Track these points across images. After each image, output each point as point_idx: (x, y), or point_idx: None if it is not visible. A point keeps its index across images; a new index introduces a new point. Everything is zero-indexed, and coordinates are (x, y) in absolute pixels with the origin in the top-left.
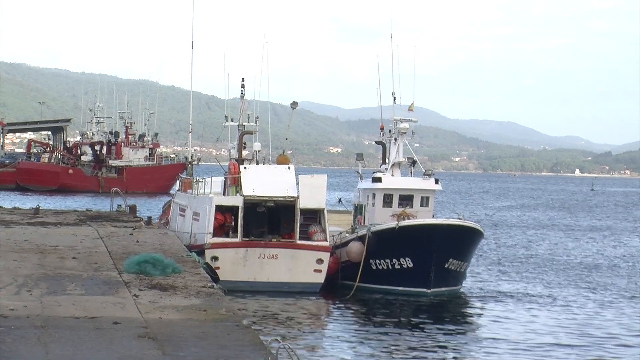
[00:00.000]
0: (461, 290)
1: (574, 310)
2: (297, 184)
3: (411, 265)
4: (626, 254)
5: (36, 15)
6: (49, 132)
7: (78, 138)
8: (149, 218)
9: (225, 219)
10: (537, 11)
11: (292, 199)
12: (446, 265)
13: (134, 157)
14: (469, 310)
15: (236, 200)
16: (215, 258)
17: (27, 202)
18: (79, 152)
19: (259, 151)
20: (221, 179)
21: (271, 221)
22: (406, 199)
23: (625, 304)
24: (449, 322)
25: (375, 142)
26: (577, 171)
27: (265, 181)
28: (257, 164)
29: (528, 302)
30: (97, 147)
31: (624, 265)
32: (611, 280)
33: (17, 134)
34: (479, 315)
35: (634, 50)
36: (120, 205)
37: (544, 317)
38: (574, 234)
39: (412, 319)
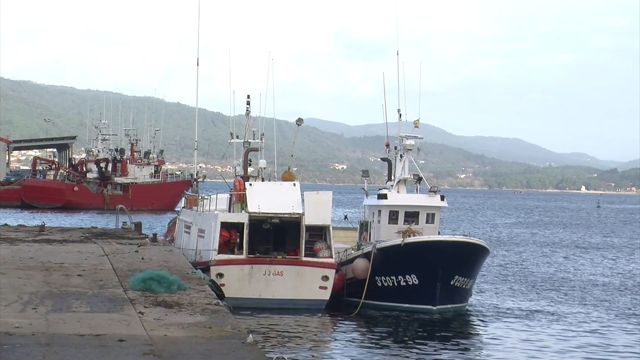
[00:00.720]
0: (467, 307)
1: (580, 328)
2: (303, 200)
3: (417, 282)
4: (634, 271)
5: (42, 32)
6: (55, 150)
7: (83, 155)
8: (154, 235)
9: (230, 235)
10: (542, 27)
11: (297, 216)
12: (452, 282)
13: (139, 174)
14: (475, 328)
15: (241, 217)
16: (220, 275)
17: (32, 219)
18: (85, 169)
19: (264, 168)
20: (226, 195)
21: (276, 238)
22: (412, 216)
23: (631, 322)
24: (455, 339)
25: (381, 158)
26: (583, 188)
27: (270, 198)
28: (263, 180)
29: (534, 320)
30: (102, 164)
31: (631, 284)
32: (617, 299)
33: (23, 152)
34: (485, 332)
35: (639, 67)
36: (125, 222)
37: (550, 336)
38: (581, 252)
39: (418, 336)
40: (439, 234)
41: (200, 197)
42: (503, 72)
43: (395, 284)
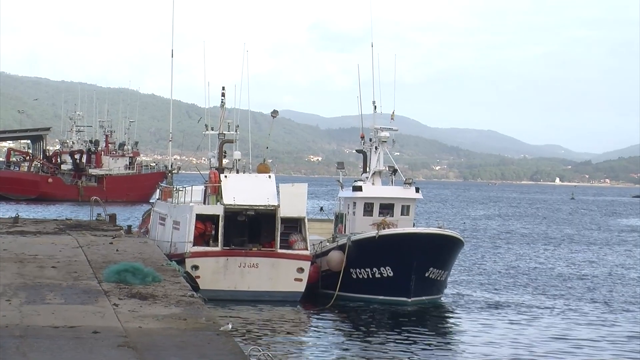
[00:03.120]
0: (442, 299)
1: (554, 319)
2: (278, 192)
3: (391, 274)
4: (607, 263)
5: (15, 23)
6: (29, 141)
7: (58, 147)
8: (129, 227)
9: (205, 227)
10: (516, 19)
11: (272, 208)
12: (427, 274)
13: (114, 165)
14: (450, 320)
15: (217, 209)
16: (195, 267)
17: (6, 211)
18: (59, 161)
19: (239, 160)
20: (201, 187)
21: (252, 230)
22: (387, 208)
23: (603, 312)
24: (430, 331)
25: (356, 150)
26: (557, 180)
27: (245, 190)
28: (238, 172)
29: (508, 312)
30: (77, 156)
31: (603, 275)
32: (592, 290)
33: None
34: (460, 324)
35: (613, 59)
36: (100, 214)
37: (523, 327)
38: (555, 243)
39: (393, 328)
40: (414, 226)
41: (175, 189)
42: (478, 64)
43: (370, 276)
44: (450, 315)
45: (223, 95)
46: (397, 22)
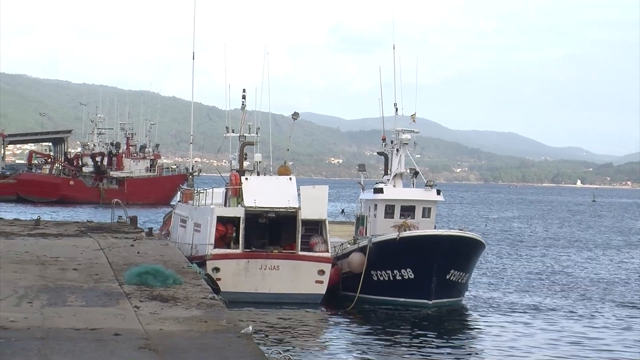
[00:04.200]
0: (463, 301)
1: (576, 323)
2: (299, 195)
3: (412, 276)
4: (628, 266)
5: (38, 25)
6: (50, 144)
7: (79, 149)
8: (150, 229)
9: (226, 230)
10: (536, 21)
11: (293, 210)
12: (447, 277)
13: (135, 168)
14: (471, 322)
15: (237, 211)
16: (216, 269)
17: (27, 213)
18: (80, 163)
19: (260, 162)
20: (222, 190)
21: (272, 232)
22: (408, 210)
23: (626, 316)
24: (450, 333)
25: (377, 152)
26: (579, 182)
27: (266, 192)
28: (258, 174)
29: (529, 315)
30: (98, 158)
31: (624, 278)
32: (613, 294)
33: (18, 145)
34: (481, 326)
35: (634, 61)
36: (121, 216)
37: (544, 330)
38: (578, 246)
39: (413, 331)
40: (435, 228)
41: (196, 191)
42: (498, 66)
43: (391, 278)
44: (471, 317)
45: (244, 97)
46: (416, 24)
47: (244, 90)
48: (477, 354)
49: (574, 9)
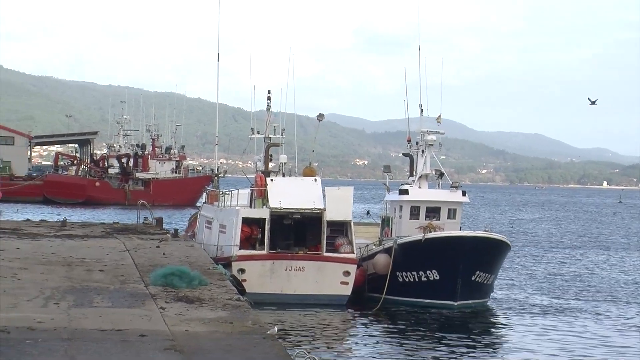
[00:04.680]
0: (488, 303)
1: (602, 325)
2: (324, 196)
3: (438, 277)
4: None
5: (63, 27)
6: (76, 145)
7: (105, 151)
8: (176, 230)
9: (251, 231)
10: (562, 21)
11: (318, 211)
12: (473, 278)
13: (160, 169)
14: (496, 324)
15: (263, 213)
16: (242, 270)
17: (54, 214)
18: (106, 165)
19: (285, 163)
20: (248, 191)
21: (298, 233)
22: (433, 211)
23: None
24: (476, 335)
25: (403, 154)
26: (605, 183)
27: (291, 193)
28: (284, 176)
29: (556, 316)
30: (124, 160)
31: None
32: None
33: (45, 147)
34: (506, 328)
35: None
36: (146, 217)
37: (570, 332)
38: (605, 248)
39: (439, 332)
40: (460, 229)
41: (221, 193)
42: (523, 67)
43: (417, 280)
44: (497, 319)
45: (269, 98)
46: (442, 25)
47: (269, 92)
48: (503, 355)
49: (600, 9)
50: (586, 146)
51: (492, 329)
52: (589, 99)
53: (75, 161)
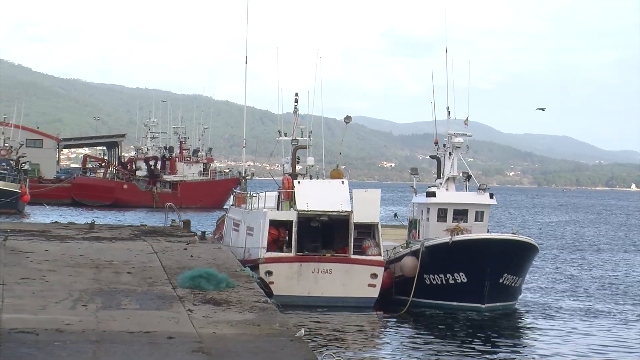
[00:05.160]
0: (516, 305)
1: (631, 329)
2: (351, 198)
3: (465, 280)
4: None
5: (91, 30)
6: (104, 148)
7: (133, 153)
8: (203, 233)
9: (279, 233)
10: (588, 24)
11: (346, 214)
12: (501, 281)
13: (188, 172)
14: (524, 326)
15: (290, 215)
16: (269, 273)
17: (82, 217)
18: (134, 167)
19: (312, 166)
20: (275, 193)
21: (325, 236)
22: (461, 214)
23: None
24: (504, 338)
25: (430, 156)
26: (633, 185)
27: (319, 196)
28: (311, 178)
29: (585, 320)
30: (151, 162)
31: None
32: None
33: (73, 150)
34: (534, 331)
35: None
36: (174, 220)
37: (599, 335)
38: (634, 251)
39: (467, 335)
40: (488, 232)
41: (248, 195)
42: (551, 69)
43: (444, 282)
44: (525, 322)
45: (296, 101)
46: (468, 28)
47: (296, 94)
48: (531, 358)
49: (628, 11)
50: (614, 148)
51: (520, 332)
52: (538, 108)
53: (103, 164)
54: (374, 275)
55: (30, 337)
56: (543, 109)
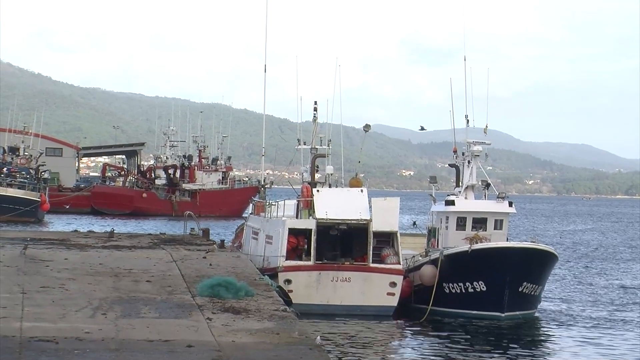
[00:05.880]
0: (536, 314)
1: None
2: (370, 207)
3: (484, 288)
4: None
5: (110, 39)
6: (124, 156)
7: (152, 162)
8: (222, 241)
9: (298, 242)
10: (609, 32)
11: (365, 222)
12: (520, 289)
13: (207, 180)
14: (544, 335)
15: (309, 223)
16: (288, 281)
17: (101, 225)
18: (153, 176)
19: (331, 174)
20: (294, 202)
21: (344, 244)
22: (480, 222)
23: None
24: (524, 346)
25: (449, 164)
26: None
27: (338, 204)
28: (330, 187)
29: (605, 328)
30: (170, 171)
31: None
32: None
33: (92, 158)
34: (554, 340)
35: None
36: (193, 228)
37: (621, 345)
38: None
39: (486, 344)
40: (507, 240)
41: (267, 204)
42: (571, 77)
43: (463, 291)
44: (545, 330)
45: (315, 109)
46: (488, 35)
47: (315, 103)
48: None
49: None
50: (634, 157)
51: (540, 341)
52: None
53: (123, 172)
54: (393, 284)
55: (50, 345)
56: (423, 128)
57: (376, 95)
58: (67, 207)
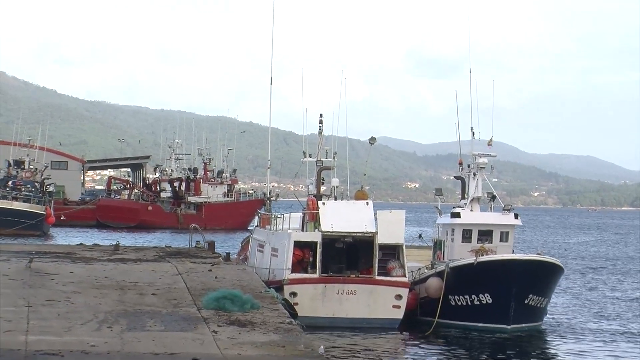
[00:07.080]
0: (542, 326)
1: None
2: (376, 219)
3: (490, 301)
4: None
5: (115, 52)
6: (129, 169)
7: (157, 175)
8: (228, 254)
9: (303, 254)
10: (615, 43)
11: (370, 235)
12: (526, 301)
13: (212, 193)
14: (550, 347)
15: (315, 236)
16: (293, 294)
17: (107, 238)
18: (158, 189)
19: (337, 187)
20: (299, 214)
21: (350, 257)
22: (485, 234)
23: None
24: (529, 359)
25: (454, 177)
26: None
27: (343, 217)
28: (335, 199)
29: (611, 340)
30: (176, 184)
31: None
32: None
33: (98, 171)
34: (560, 352)
35: None
36: (199, 241)
37: (627, 356)
38: None
39: (492, 356)
40: (512, 252)
41: (273, 216)
42: (576, 88)
43: (469, 303)
44: (551, 343)
45: (321, 122)
46: (493, 48)
47: (321, 115)
48: None
49: None
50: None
51: (546, 353)
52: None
53: (128, 185)
54: (399, 297)
55: (55, 358)
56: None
57: (381, 108)
58: (63, 218)
